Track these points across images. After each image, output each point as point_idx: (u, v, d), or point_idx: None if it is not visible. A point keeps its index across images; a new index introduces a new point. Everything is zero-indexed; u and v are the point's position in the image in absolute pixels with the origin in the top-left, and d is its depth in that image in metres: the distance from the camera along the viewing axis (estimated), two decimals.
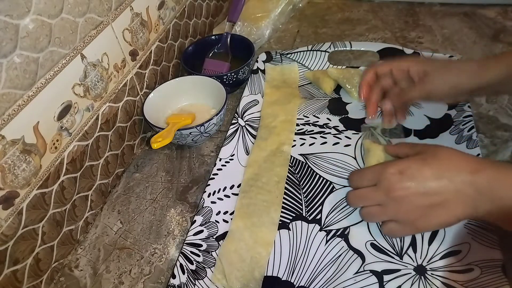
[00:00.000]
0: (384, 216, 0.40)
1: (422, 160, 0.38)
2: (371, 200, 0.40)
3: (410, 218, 0.38)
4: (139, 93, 0.60)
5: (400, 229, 0.39)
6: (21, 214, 0.40)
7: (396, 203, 0.38)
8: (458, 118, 0.53)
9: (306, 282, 0.40)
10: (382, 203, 0.39)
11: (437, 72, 0.45)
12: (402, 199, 0.37)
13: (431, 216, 0.37)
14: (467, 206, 0.36)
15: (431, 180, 0.36)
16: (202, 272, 0.43)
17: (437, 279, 0.38)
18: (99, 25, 0.48)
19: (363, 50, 0.68)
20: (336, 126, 0.57)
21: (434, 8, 0.82)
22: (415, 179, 0.37)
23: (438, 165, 0.37)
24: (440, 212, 0.36)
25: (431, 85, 0.45)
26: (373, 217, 0.41)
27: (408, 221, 0.38)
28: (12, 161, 0.38)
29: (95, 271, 0.46)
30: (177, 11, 0.69)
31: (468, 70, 0.44)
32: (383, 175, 0.39)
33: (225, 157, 0.55)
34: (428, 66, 0.47)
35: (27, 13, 0.37)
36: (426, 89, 0.46)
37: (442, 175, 0.36)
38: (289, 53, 0.70)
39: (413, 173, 0.37)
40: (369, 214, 0.41)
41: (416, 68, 0.47)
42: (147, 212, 0.52)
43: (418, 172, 0.37)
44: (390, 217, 0.39)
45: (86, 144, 0.49)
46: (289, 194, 0.49)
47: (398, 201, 0.38)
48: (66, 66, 0.43)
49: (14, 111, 0.37)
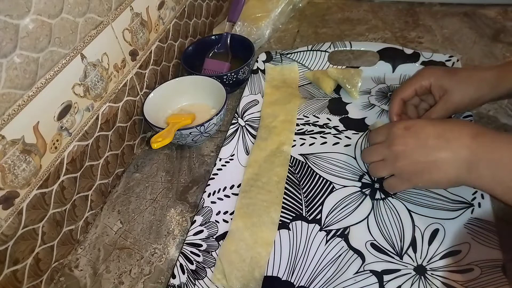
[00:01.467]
0: (385, 170, 0.42)
1: (430, 120, 0.40)
2: (377, 154, 0.43)
3: (407, 171, 0.40)
4: (139, 93, 0.60)
5: (398, 183, 0.42)
6: (21, 214, 0.40)
7: (396, 156, 0.40)
8: (458, 118, 0.53)
9: (306, 282, 0.40)
10: (386, 157, 0.42)
11: (457, 88, 0.47)
12: (401, 152, 0.40)
13: (426, 173, 0.39)
14: (460, 169, 0.37)
15: (431, 137, 0.39)
16: (202, 272, 0.43)
17: (437, 279, 0.38)
18: (99, 25, 0.48)
19: (363, 50, 0.68)
20: (336, 126, 0.57)
21: (434, 8, 0.82)
22: (417, 135, 0.39)
23: (442, 125, 0.39)
24: (434, 170, 0.38)
25: (452, 103, 0.47)
26: (377, 171, 0.43)
27: (405, 174, 0.41)
28: (12, 161, 0.38)
29: (95, 271, 0.46)
30: (177, 11, 0.69)
31: (487, 82, 0.45)
32: (391, 129, 0.42)
33: (225, 157, 0.55)
34: (447, 82, 0.47)
35: (27, 13, 0.37)
36: (448, 107, 0.47)
37: (443, 135, 0.38)
38: (289, 53, 0.70)
39: (417, 129, 0.40)
40: (373, 168, 0.44)
41: (437, 84, 0.48)
42: (147, 212, 0.52)
43: (421, 129, 0.40)
44: (390, 172, 0.42)
45: (86, 144, 0.49)
46: (289, 194, 0.49)
47: (398, 155, 0.40)
48: (66, 66, 0.43)
49: (14, 111, 0.37)
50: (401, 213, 0.44)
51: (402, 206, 0.45)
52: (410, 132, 0.40)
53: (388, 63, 0.64)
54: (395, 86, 0.62)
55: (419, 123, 0.41)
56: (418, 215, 0.44)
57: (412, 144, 0.39)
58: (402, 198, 0.46)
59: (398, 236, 0.43)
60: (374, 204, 0.46)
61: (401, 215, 0.44)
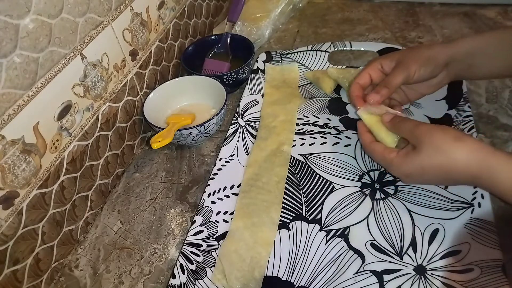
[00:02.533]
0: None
1: (421, 169, 0.39)
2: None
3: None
4: (139, 93, 0.60)
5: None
6: (21, 214, 0.40)
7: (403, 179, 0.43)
8: (458, 118, 0.53)
9: (306, 282, 0.40)
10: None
11: (408, 52, 0.48)
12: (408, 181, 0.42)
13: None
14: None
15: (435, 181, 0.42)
16: (202, 272, 0.43)
17: (437, 279, 0.38)
18: (99, 25, 0.48)
19: (363, 50, 0.68)
20: (336, 126, 0.57)
21: (434, 8, 0.82)
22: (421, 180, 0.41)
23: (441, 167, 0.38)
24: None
25: (407, 64, 0.46)
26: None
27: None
28: (12, 161, 0.38)
29: (95, 271, 0.46)
30: (177, 11, 0.69)
31: (439, 43, 0.47)
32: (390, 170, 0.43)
33: (225, 157, 0.55)
34: (397, 55, 0.48)
35: (27, 13, 0.37)
36: (403, 71, 0.46)
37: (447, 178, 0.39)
38: (289, 53, 0.70)
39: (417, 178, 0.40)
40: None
41: (387, 61, 0.49)
42: (147, 212, 0.52)
43: (421, 177, 0.40)
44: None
45: (86, 144, 0.49)
46: (289, 194, 0.49)
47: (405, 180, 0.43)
48: (66, 66, 0.43)
49: (14, 111, 0.37)
50: (401, 213, 0.44)
51: (402, 206, 0.45)
52: (412, 180, 0.41)
53: None
54: None
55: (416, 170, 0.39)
56: (418, 215, 0.44)
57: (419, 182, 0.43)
58: (402, 198, 0.46)
59: (398, 236, 0.43)
60: (374, 204, 0.46)
61: (401, 215, 0.44)
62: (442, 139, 0.37)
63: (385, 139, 0.45)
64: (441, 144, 0.37)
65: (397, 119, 0.44)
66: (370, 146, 0.45)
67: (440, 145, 0.37)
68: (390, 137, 0.45)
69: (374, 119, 0.47)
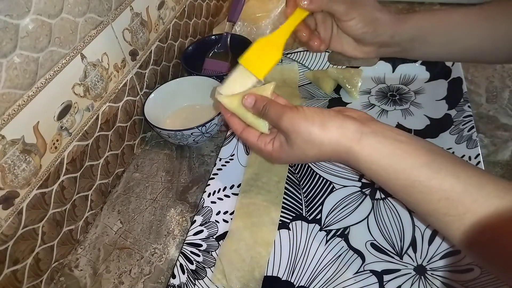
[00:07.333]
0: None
1: (299, 159, 0.38)
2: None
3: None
4: (139, 93, 0.60)
5: None
6: (21, 214, 0.40)
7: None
8: (458, 118, 0.53)
9: (306, 282, 0.40)
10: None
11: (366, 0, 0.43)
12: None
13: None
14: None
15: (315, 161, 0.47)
16: (202, 272, 0.43)
17: (437, 279, 0.38)
18: (99, 25, 0.48)
19: None
20: None
21: (434, 8, 0.82)
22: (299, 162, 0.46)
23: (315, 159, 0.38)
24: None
25: (355, 6, 0.42)
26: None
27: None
28: (12, 161, 0.38)
29: (95, 271, 0.46)
30: (177, 11, 0.69)
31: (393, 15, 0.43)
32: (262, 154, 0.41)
33: (225, 157, 0.55)
34: None
35: (27, 13, 0.37)
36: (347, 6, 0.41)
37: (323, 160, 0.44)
38: (289, 53, 0.70)
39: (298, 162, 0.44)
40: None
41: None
42: (147, 212, 0.52)
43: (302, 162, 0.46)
44: None
45: (86, 144, 0.49)
46: (289, 194, 0.49)
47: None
48: (66, 66, 0.43)
49: (14, 111, 0.37)
50: (401, 213, 0.44)
51: (402, 206, 0.45)
52: (278, 159, 0.39)
53: (388, 63, 0.64)
54: (395, 86, 0.62)
55: (294, 160, 0.39)
56: None
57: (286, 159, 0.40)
58: None
59: (398, 236, 0.43)
60: (374, 204, 0.46)
61: (401, 215, 0.44)
62: (308, 132, 0.36)
63: (255, 123, 0.40)
64: (307, 137, 0.36)
65: (259, 104, 0.39)
66: (242, 135, 0.41)
67: (308, 140, 0.36)
68: (259, 120, 0.40)
69: (235, 102, 0.41)
